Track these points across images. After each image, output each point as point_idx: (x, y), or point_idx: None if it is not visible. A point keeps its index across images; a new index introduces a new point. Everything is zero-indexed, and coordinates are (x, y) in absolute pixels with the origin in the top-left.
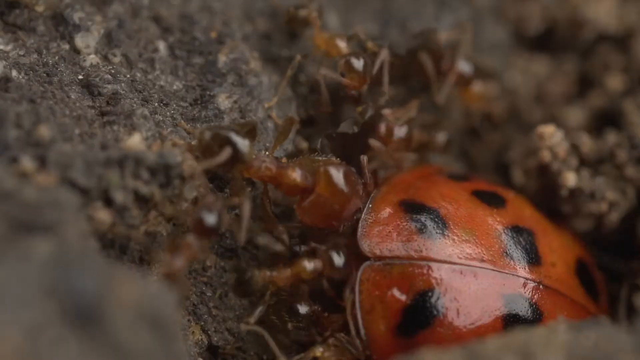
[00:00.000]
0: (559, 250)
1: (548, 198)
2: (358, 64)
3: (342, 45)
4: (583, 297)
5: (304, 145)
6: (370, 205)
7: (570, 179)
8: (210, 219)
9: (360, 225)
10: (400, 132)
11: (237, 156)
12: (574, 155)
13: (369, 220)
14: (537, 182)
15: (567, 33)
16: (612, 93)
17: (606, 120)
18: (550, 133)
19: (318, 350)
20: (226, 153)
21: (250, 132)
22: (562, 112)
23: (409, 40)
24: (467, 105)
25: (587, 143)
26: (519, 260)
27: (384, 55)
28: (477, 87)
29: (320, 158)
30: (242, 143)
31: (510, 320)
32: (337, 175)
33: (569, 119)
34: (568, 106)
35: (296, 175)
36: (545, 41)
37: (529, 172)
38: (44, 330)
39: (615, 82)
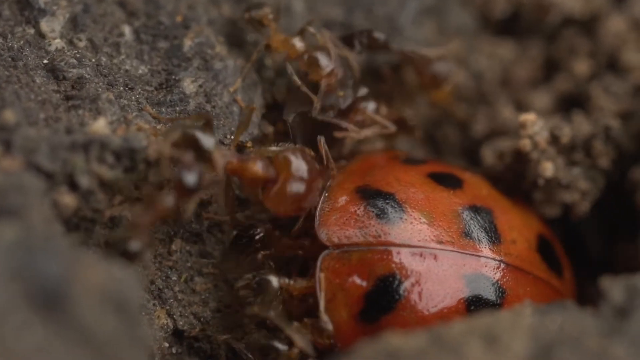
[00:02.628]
0: (518, 227)
1: (515, 180)
2: (321, 59)
3: (299, 45)
4: (546, 273)
5: (269, 129)
6: (326, 194)
7: (549, 169)
8: (190, 178)
9: (317, 214)
10: (369, 107)
11: (201, 156)
12: (553, 145)
13: (326, 209)
14: (508, 166)
15: (532, 17)
16: (578, 77)
17: (572, 104)
18: (532, 121)
19: (295, 327)
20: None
21: (207, 125)
22: (528, 96)
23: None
24: (432, 101)
25: (568, 135)
26: (478, 239)
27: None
28: (447, 88)
29: (275, 148)
30: (207, 141)
31: (472, 301)
32: (298, 159)
33: (535, 103)
34: (534, 90)
35: (257, 167)
36: (511, 25)
37: (504, 156)
38: (8, 314)
39: (581, 66)
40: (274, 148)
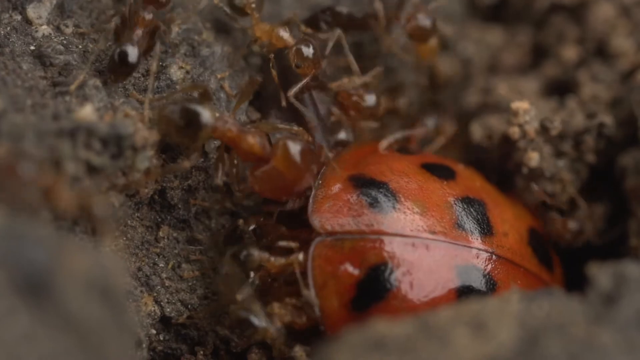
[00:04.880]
0: (511, 220)
1: (502, 159)
2: (308, 51)
3: (286, 36)
4: (536, 267)
5: (256, 116)
6: (320, 182)
7: (534, 159)
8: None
9: (310, 201)
10: (369, 100)
11: (201, 126)
12: (542, 135)
13: (320, 196)
14: (495, 146)
15: (521, 3)
16: (566, 63)
17: (561, 90)
18: (525, 110)
19: (275, 306)
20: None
21: (204, 95)
22: (516, 82)
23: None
24: (418, 61)
25: (557, 128)
26: (470, 231)
27: (336, 36)
28: (432, 42)
29: (283, 126)
30: (205, 114)
31: (463, 292)
32: (295, 149)
33: (523, 89)
34: (522, 76)
35: (255, 142)
36: (500, 11)
37: (492, 137)
38: None
39: (569, 52)
40: (278, 125)
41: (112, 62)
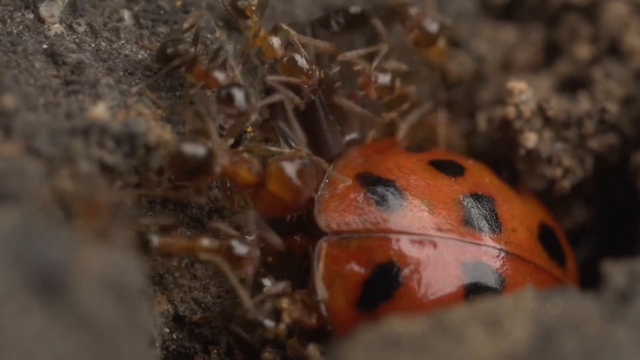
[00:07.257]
0: (520, 216)
1: (506, 151)
2: (301, 61)
3: (277, 46)
4: (547, 262)
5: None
6: (326, 181)
7: (531, 139)
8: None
9: (316, 201)
10: (383, 79)
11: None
12: (539, 116)
13: (326, 196)
14: (497, 132)
15: (534, 1)
16: (579, 62)
17: (573, 88)
18: (520, 90)
19: (285, 302)
20: None
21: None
22: (529, 80)
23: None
24: (428, 60)
25: (554, 108)
26: (478, 227)
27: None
28: (440, 43)
29: (276, 149)
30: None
31: (471, 289)
32: (289, 170)
33: (536, 87)
34: (535, 75)
35: (247, 174)
36: (512, 10)
37: (492, 121)
38: (7, 300)
39: (582, 50)
40: (271, 149)
41: (163, 50)
